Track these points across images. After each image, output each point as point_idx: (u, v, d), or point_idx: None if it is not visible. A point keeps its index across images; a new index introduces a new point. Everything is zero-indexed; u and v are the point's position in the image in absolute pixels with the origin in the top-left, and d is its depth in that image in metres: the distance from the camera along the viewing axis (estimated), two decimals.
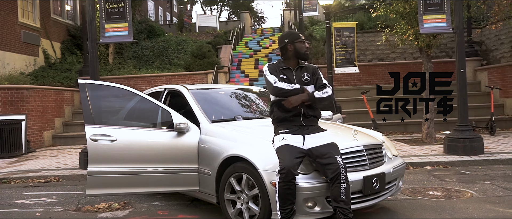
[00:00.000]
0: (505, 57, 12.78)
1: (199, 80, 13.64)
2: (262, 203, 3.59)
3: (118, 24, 7.84)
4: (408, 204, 4.66)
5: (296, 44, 3.67)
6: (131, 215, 4.63)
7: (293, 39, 3.68)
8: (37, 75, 13.18)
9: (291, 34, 3.72)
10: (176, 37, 19.26)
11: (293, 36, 3.70)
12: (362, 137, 4.08)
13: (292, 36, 3.70)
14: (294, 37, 3.69)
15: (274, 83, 3.60)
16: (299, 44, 3.67)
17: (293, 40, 3.68)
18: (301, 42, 3.68)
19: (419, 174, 6.37)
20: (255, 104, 5.31)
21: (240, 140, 3.95)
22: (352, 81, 13.48)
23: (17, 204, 5.36)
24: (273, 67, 3.74)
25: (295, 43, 3.67)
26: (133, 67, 16.01)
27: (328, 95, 3.65)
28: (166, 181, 4.19)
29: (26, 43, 13.70)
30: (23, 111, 10.43)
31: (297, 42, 3.67)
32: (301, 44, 3.68)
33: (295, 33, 3.75)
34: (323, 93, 3.63)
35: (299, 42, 3.67)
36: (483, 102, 11.60)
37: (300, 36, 3.71)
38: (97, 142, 4.06)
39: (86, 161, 7.39)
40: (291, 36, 3.70)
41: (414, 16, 8.72)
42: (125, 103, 4.52)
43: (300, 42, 3.67)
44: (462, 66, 7.54)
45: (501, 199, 4.72)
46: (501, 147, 8.02)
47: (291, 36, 3.70)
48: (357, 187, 3.63)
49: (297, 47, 3.67)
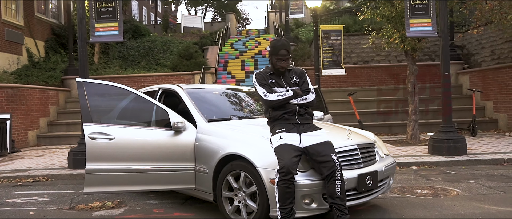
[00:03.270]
0: (485, 61, 13.17)
1: (186, 80, 13.65)
2: (260, 200, 3.67)
3: (109, 24, 7.82)
4: (398, 202, 4.81)
5: (273, 58, 3.80)
6: (126, 213, 4.66)
7: (273, 53, 3.79)
8: (21, 74, 12.99)
9: (273, 47, 3.79)
10: (162, 38, 19.20)
11: (275, 50, 3.76)
12: (355, 136, 4.21)
13: (274, 50, 3.78)
14: (275, 51, 3.76)
15: (265, 97, 3.76)
16: (276, 60, 3.77)
17: (272, 54, 3.80)
18: (279, 60, 3.76)
19: (406, 173, 6.55)
20: (249, 104, 5.40)
21: (237, 139, 4.03)
22: (338, 83, 13.68)
23: (8, 203, 5.32)
24: (261, 75, 3.87)
25: (273, 57, 3.80)
26: (119, 67, 15.91)
27: (307, 102, 3.80)
28: (163, 179, 4.23)
29: (9, 41, 13.48)
30: (8, 110, 10.29)
31: (275, 57, 3.77)
32: (277, 61, 3.76)
33: (278, 47, 3.76)
34: (301, 100, 3.77)
35: (277, 59, 3.76)
36: (464, 105, 11.94)
37: (280, 53, 3.73)
38: (95, 140, 4.08)
39: (75, 160, 7.44)
40: (273, 50, 3.79)
41: (400, 20, 8.93)
42: (123, 102, 4.54)
43: (278, 59, 3.75)
44: (446, 69, 7.77)
45: (486, 197, 4.91)
46: (483, 148, 8.28)
47: (273, 50, 3.79)
48: (351, 184, 3.75)
49: (273, 61, 3.81)
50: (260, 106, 5.24)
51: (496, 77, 11.36)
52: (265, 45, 19.48)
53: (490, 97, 11.65)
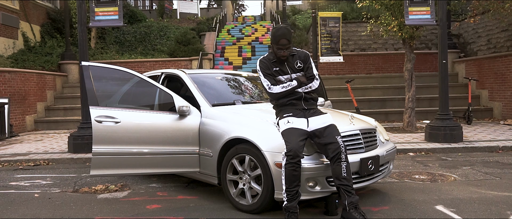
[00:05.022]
0: (481, 50, 13.28)
1: (184, 66, 13.64)
2: (265, 183, 3.75)
3: (108, 8, 7.79)
4: (397, 186, 4.92)
5: (274, 47, 3.78)
6: (130, 196, 4.72)
7: (273, 41, 3.75)
8: (17, 58, 12.90)
9: (273, 36, 3.75)
10: (158, 23, 19.09)
11: (275, 39, 3.72)
12: (357, 122, 4.28)
13: (274, 38, 3.74)
14: (275, 40, 3.72)
15: (269, 90, 3.80)
16: (276, 49, 3.75)
17: (273, 42, 3.77)
18: (279, 49, 3.73)
19: (403, 159, 6.66)
20: (251, 89, 5.44)
21: (242, 123, 4.08)
22: (335, 70, 13.75)
23: (12, 186, 5.37)
24: (265, 64, 3.85)
25: (274, 46, 3.78)
26: (116, 52, 15.85)
27: (311, 90, 3.83)
28: (168, 162, 4.29)
29: (4, 25, 13.34)
30: (5, 95, 10.26)
31: (275, 46, 3.75)
32: (278, 50, 3.74)
33: (278, 36, 3.70)
34: (306, 89, 3.81)
35: (278, 48, 3.74)
36: (460, 93, 12.07)
37: (280, 42, 3.70)
38: (101, 123, 4.13)
39: (75, 145, 7.48)
40: (273, 38, 3.74)
41: (398, 8, 8.97)
42: (126, 86, 4.57)
43: (278, 48, 3.73)
44: (444, 57, 7.84)
45: (482, 182, 5.03)
46: (478, 136, 8.42)
47: (273, 38, 3.74)
48: (354, 168, 3.84)
49: (274, 50, 3.79)
50: (262, 92, 5.29)
51: (492, 66, 11.48)
52: (262, 32, 19.46)
53: (486, 86, 11.78)
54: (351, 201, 3.46)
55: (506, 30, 11.97)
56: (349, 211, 3.44)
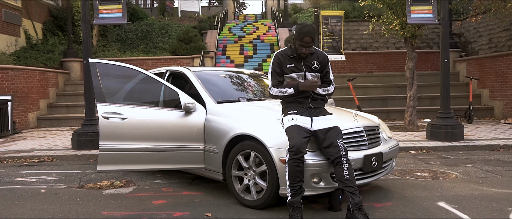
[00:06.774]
0: (483, 49, 13.32)
1: (186, 64, 13.69)
2: (270, 179, 3.80)
3: (112, 6, 7.84)
4: (399, 183, 4.97)
5: (297, 42, 3.78)
6: (136, 192, 4.78)
7: (297, 37, 3.75)
8: (20, 56, 12.95)
9: (298, 33, 3.73)
10: (159, 21, 19.13)
11: (299, 35, 3.71)
12: (361, 119, 4.34)
13: (298, 35, 3.72)
14: (300, 37, 3.71)
15: (270, 90, 3.89)
16: (299, 45, 3.76)
17: (296, 38, 3.78)
18: (302, 46, 3.74)
19: (405, 157, 6.71)
20: (255, 86, 5.49)
21: (247, 120, 4.14)
22: (336, 69, 13.77)
23: (18, 182, 5.42)
24: (279, 60, 3.86)
25: (296, 41, 3.78)
26: (118, 50, 15.89)
27: (327, 93, 3.93)
28: (174, 158, 4.34)
29: (7, 23, 13.39)
30: (8, 92, 10.31)
31: (298, 42, 3.75)
32: (300, 47, 3.75)
33: (303, 33, 3.68)
34: (323, 91, 3.88)
35: (300, 45, 3.75)
36: (461, 92, 12.12)
37: (304, 40, 3.69)
38: (108, 119, 4.18)
39: (79, 141, 7.53)
40: (298, 35, 3.73)
41: (400, 7, 9.02)
42: (133, 82, 4.62)
43: (301, 45, 3.74)
44: (446, 56, 7.89)
45: (484, 180, 5.08)
46: (479, 134, 8.47)
47: (298, 35, 3.73)
48: (357, 165, 3.89)
49: (296, 45, 3.80)
50: (265, 89, 5.34)
51: (493, 66, 11.53)
52: (263, 30, 19.51)
53: (487, 85, 11.83)
54: (355, 202, 3.48)
55: (507, 30, 12.01)
56: (353, 212, 3.49)
